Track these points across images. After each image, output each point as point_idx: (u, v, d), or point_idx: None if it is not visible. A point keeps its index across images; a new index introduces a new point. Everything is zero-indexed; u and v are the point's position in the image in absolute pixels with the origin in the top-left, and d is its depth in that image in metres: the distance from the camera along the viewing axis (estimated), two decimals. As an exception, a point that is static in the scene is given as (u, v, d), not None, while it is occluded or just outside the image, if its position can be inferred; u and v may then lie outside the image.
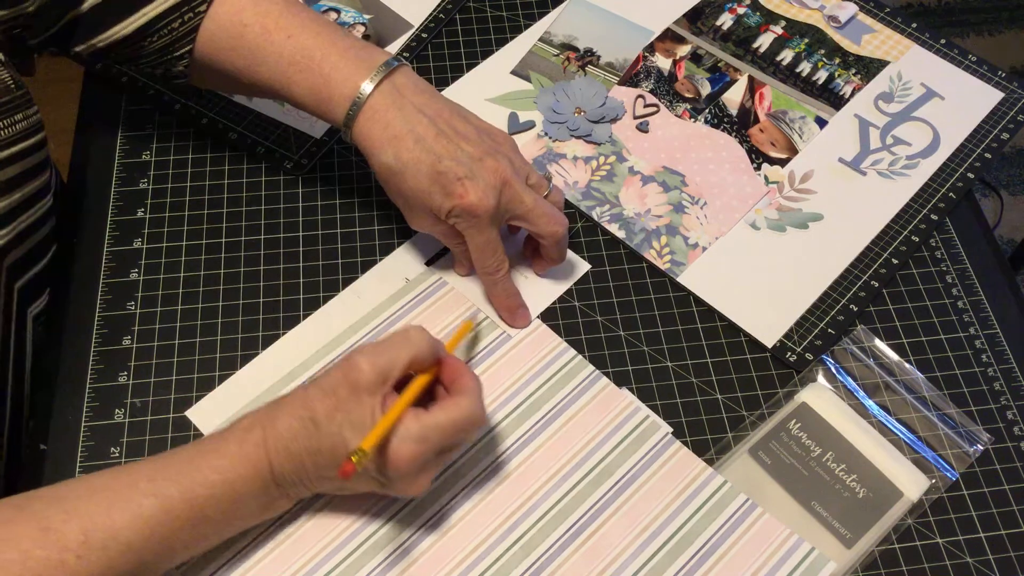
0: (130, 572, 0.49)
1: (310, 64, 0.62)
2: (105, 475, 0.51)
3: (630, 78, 0.80)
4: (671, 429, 0.62)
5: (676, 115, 0.78)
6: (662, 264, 0.70)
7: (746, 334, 0.67)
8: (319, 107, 0.63)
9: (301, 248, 0.70)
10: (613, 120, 0.77)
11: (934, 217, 0.72)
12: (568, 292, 0.69)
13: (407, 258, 0.69)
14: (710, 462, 0.61)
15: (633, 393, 0.63)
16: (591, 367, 0.64)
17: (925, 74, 0.81)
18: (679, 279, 0.69)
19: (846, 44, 0.83)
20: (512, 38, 0.83)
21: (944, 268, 0.71)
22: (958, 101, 0.79)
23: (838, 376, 0.65)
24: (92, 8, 0.63)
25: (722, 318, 0.68)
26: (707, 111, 0.78)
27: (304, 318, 0.67)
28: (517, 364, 0.64)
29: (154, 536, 0.49)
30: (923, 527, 0.59)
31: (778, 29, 0.84)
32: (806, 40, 0.83)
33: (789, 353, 0.66)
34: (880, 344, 0.66)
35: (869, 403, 0.64)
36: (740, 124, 0.78)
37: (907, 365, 0.65)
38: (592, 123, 0.77)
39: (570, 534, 0.57)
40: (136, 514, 0.49)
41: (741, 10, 0.85)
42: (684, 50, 0.82)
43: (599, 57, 0.82)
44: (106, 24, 0.64)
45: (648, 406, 0.63)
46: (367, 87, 0.61)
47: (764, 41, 0.83)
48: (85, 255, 0.70)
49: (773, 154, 0.76)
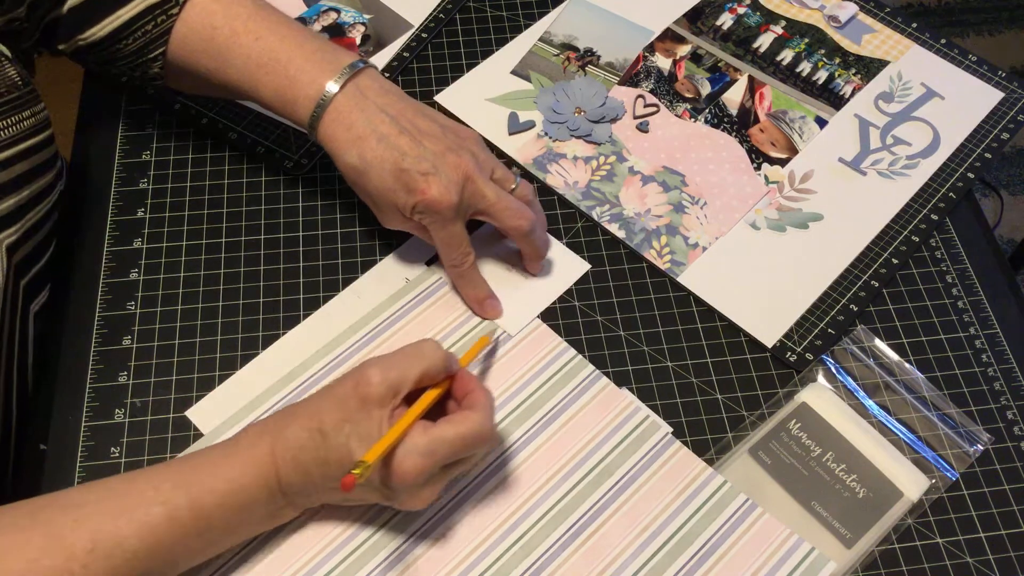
0: None
1: (276, 66, 0.63)
2: (114, 481, 0.51)
3: (630, 78, 0.80)
4: (671, 429, 0.62)
5: (676, 115, 0.78)
6: (662, 264, 0.70)
7: (746, 334, 0.67)
8: (285, 108, 0.64)
9: (301, 248, 0.70)
10: (613, 120, 0.77)
11: (934, 217, 0.72)
12: (568, 292, 0.69)
13: (407, 258, 0.69)
14: (710, 462, 0.61)
15: (633, 393, 0.63)
16: (591, 367, 0.64)
17: (925, 74, 0.81)
18: (679, 279, 0.69)
19: (846, 44, 0.83)
20: (512, 38, 0.83)
21: (944, 268, 0.71)
22: (958, 101, 0.79)
23: (838, 376, 0.65)
24: (71, 10, 0.65)
25: (722, 318, 0.68)
26: (707, 111, 0.78)
27: (304, 318, 0.67)
28: (517, 364, 0.64)
29: (160, 545, 0.49)
30: (923, 527, 0.59)
31: (778, 29, 0.84)
32: (806, 40, 0.83)
33: (789, 353, 0.66)
34: (880, 344, 0.66)
35: (869, 403, 0.64)
36: (740, 124, 0.78)
37: (907, 365, 0.65)
38: (592, 123, 0.77)
39: (570, 534, 0.57)
40: (143, 523, 0.49)
41: (741, 10, 0.85)
42: (684, 50, 0.82)
43: (599, 57, 0.82)
44: (83, 26, 0.65)
45: (648, 406, 0.63)
46: (331, 88, 0.62)
47: (764, 41, 0.83)
48: (85, 255, 0.70)
49: (773, 154, 0.76)
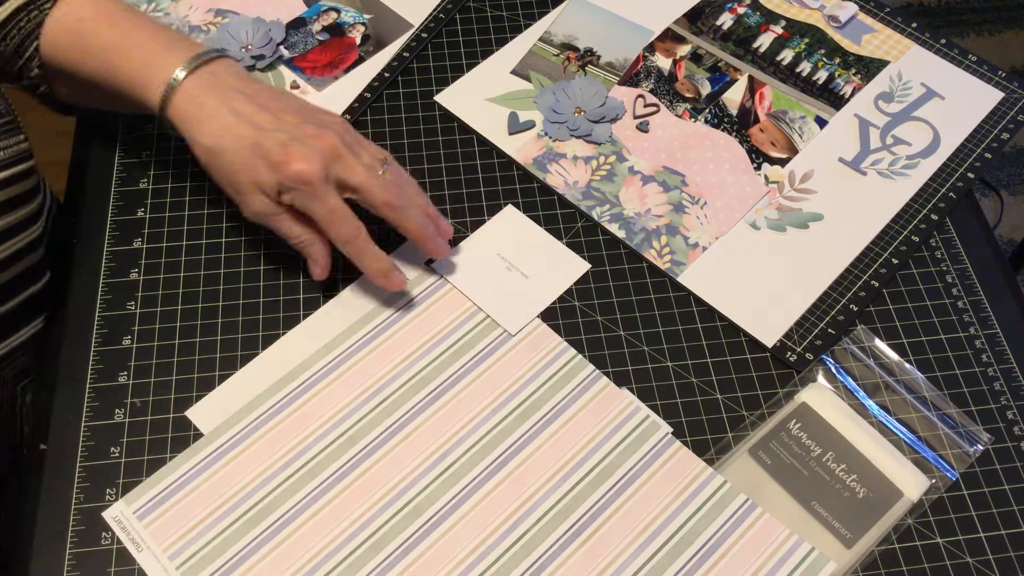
0: None
1: (131, 52, 0.62)
2: None
3: (630, 78, 0.80)
4: (671, 429, 0.62)
5: (676, 115, 0.78)
6: (662, 264, 0.70)
7: (746, 334, 0.67)
8: (136, 92, 0.62)
9: (301, 248, 0.70)
10: (613, 120, 0.77)
11: (934, 217, 0.72)
12: (568, 292, 0.69)
13: (407, 258, 0.69)
14: (710, 462, 0.61)
15: (633, 393, 0.63)
16: (591, 367, 0.64)
17: (925, 74, 0.81)
18: (679, 279, 0.69)
19: (846, 44, 0.83)
20: (512, 38, 0.83)
21: (944, 268, 0.71)
22: (958, 101, 0.79)
23: (838, 376, 0.65)
24: None
25: (722, 318, 0.68)
26: (707, 111, 0.78)
27: (304, 318, 0.67)
28: (517, 364, 0.64)
29: None
30: (923, 527, 0.59)
31: (778, 29, 0.84)
32: (806, 40, 0.83)
33: (789, 353, 0.66)
34: (880, 344, 0.66)
35: (869, 403, 0.64)
36: (740, 124, 0.78)
37: (907, 365, 0.65)
38: (592, 123, 0.77)
39: (570, 534, 0.57)
40: None
41: (741, 10, 0.85)
42: (684, 50, 0.82)
43: (599, 57, 0.82)
44: None
45: (648, 406, 0.63)
46: (180, 73, 0.61)
47: (764, 41, 0.83)
48: (85, 255, 0.70)
49: (773, 154, 0.76)
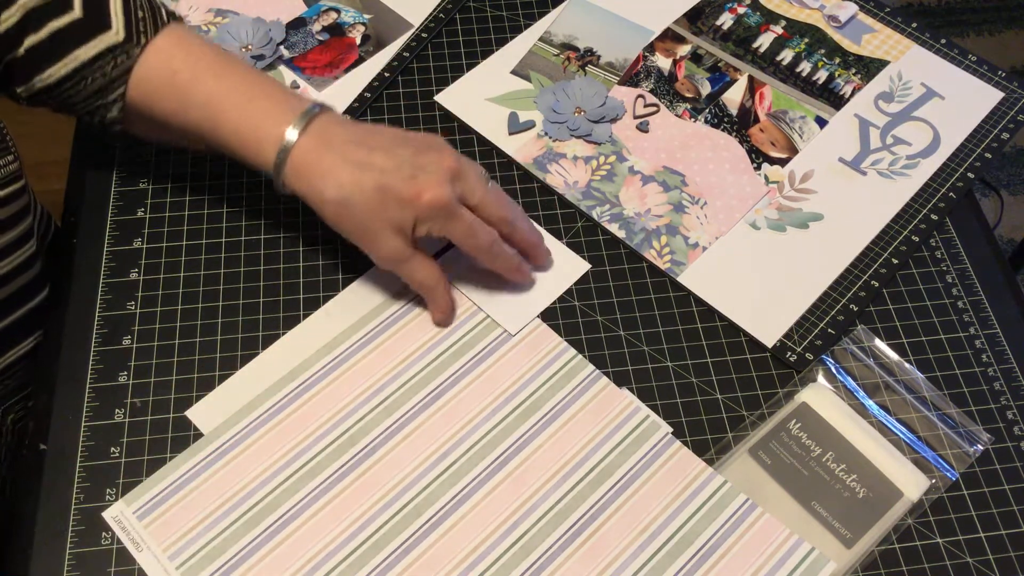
0: None
1: (238, 105, 0.62)
2: None
3: (630, 78, 0.80)
4: (671, 429, 0.62)
5: (676, 115, 0.78)
6: (662, 264, 0.70)
7: (746, 334, 0.67)
8: (246, 149, 0.62)
9: (301, 248, 0.70)
10: (613, 120, 0.77)
11: (934, 217, 0.72)
12: (568, 292, 0.69)
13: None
14: (710, 462, 0.61)
15: (633, 393, 0.63)
16: (591, 367, 0.64)
17: (925, 74, 0.81)
18: (679, 279, 0.69)
19: (846, 44, 0.83)
20: (512, 38, 0.83)
21: (944, 268, 0.71)
22: (958, 101, 0.79)
23: (838, 376, 0.65)
24: (28, 50, 0.63)
25: (722, 318, 0.68)
26: (707, 111, 0.78)
27: (304, 318, 0.67)
28: (517, 364, 0.64)
29: None
30: (923, 527, 0.59)
31: (778, 29, 0.84)
32: (806, 40, 0.83)
33: (789, 353, 0.66)
34: (880, 344, 0.66)
35: (869, 403, 0.64)
36: (740, 124, 0.78)
37: (907, 365, 0.65)
38: (592, 123, 0.77)
39: (570, 534, 0.57)
40: None
41: (741, 10, 0.85)
42: (684, 50, 0.82)
43: (599, 57, 0.82)
44: (43, 65, 0.63)
45: (648, 406, 0.63)
46: (293, 132, 0.60)
47: (764, 41, 0.83)
48: (85, 255, 0.70)
49: (773, 154, 0.76)
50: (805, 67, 0.81)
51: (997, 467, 0.62)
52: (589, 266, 0.70)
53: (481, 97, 0.79)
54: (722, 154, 0.76)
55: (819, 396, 0.63)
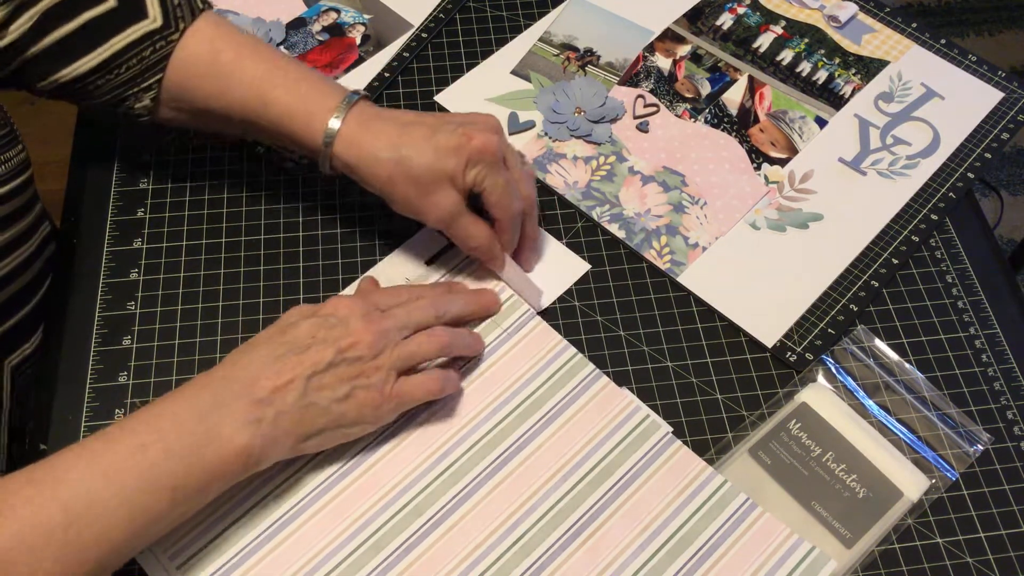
0: (85, 514, 0.48)
1: (286, 82, 0.62)
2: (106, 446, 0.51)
3: (630, 78, 0.80)
4: (671, 429, 0.62)
5: (676, 115, 0.78)
6: (662, 264, 0.70)
7: (746, 334, 0.67)
8: (296, 121, 0.62)
9: (301, 248, 0.70)
10: (613, 120, 0.77)
11: (934, 217, 0.72)
12: (568, 292, 0.69)
13: (407, 258, 0.69)
14: (710, 462, 0.61)
15: (633, 393, 0.63)
16: (591, 366, 0.64)
17: (925, 74, 0.81)
18: (679, 279, 0.69)
19: (846, 44, 0.83)
20: (512, 38, 0.83)
21: (944, 268, 0.71)
22: (958, 101, 0.79)
23: (838, 376, 0.65)
24: (55, 43, 0.62)
25: (722, 318, 0.68)
26: (707, 111, 0.78)
27: (304, 318, 0.67)
28: (517, 363, 0.64)
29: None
30: (923, 527, 0.59)
31: (778, 29, 0.84)
32: (806, 40, 0.83)
33: (789, 353, 0.66)
34: (880, 344, 0.66)
35: (869, 403, 0.64)
36: (740, 124, 0.78)
37: (907, 365, 0.65)
38: (592, 123, 0.77)
39: (570, 534, 0.57)
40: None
41: (741, 10, 0.85)
42: (684, 50, 0.82)
43: (599, 57, 0.82)
44: (71, 58, 0.63)
45: (648, 406, 0.63)
46: (344, 104, 0.61)
47: (764, 41, 0.83)
48: (85, 255, 0.70)
49: (773, 154, 0.76)
50: (805, 67, 0.81)
51: (997, 467, 0.62)
52: (589, 266, 0.70)
53: (481, 97, 0.79)
54: (722, 154, 0.76)
55: (819, 396, 0.63)
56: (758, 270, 0.70)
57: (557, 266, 0.69)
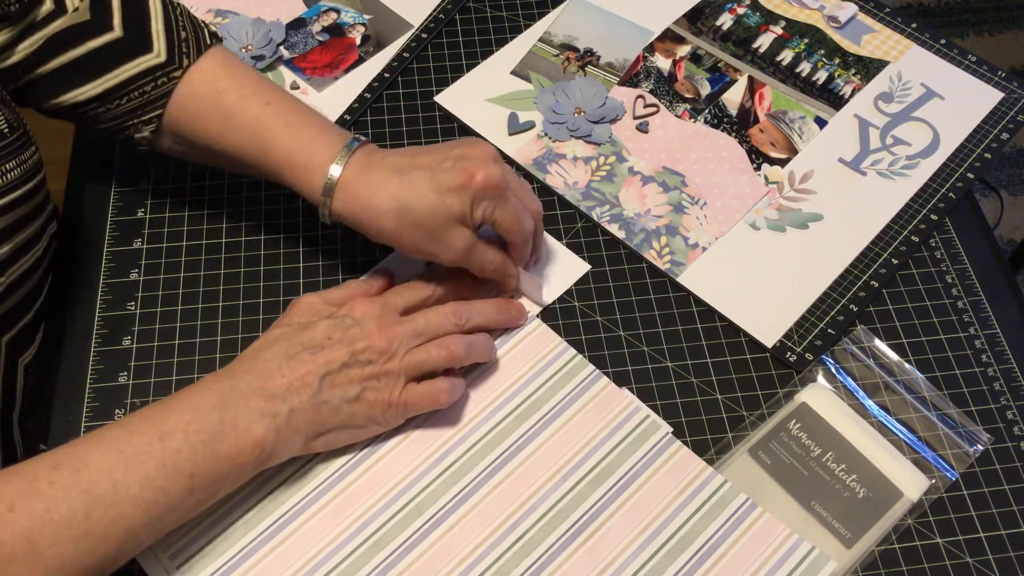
0: (107, 497, 0.49)
1: (287, 130, 0.61)
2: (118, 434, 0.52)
3: (630, 78, 0.80)
4: (671, 429, 0.62)
5: (676, 115, 0.78)
6: (662, 264, 0.70)
7: (746, 334, 0.67)
8: (295, 175, 0.61)
9: (301, 248, 0.70)
10: (613, 120, 0.78)
11: (934, 217, 0.73)
12: (568, 292, 0.69)
13: (407, 259, 0.69)
14: (710, 462, 0.61)
15: (633, 393, 0.63)
16: (591, 366, 0.64)
17: (925, 74, 0.81)
18: (679, 279, 0.69)
19: (846, 44, 0.83)
20: (512, 38, 0.83)
21: (944, 268, 0.71)
22: (958, 101, 0.79)
23: (838, 376, 0.65)
24: (60, 68, 0.62)
25: (722, 318, 0.68)
26: (707, 111, 0.78)
27: (304, 318, 0.67)
28: (517, 364, 0.64)
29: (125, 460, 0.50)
30: (923, 527, 0.59)
31: (778, 29, 0.84)
32: (806, 40, 0.83)
33: (789, 353, 0.66)
34: (880, 344, 0.66)
35: (869, 403, 0.64)
36: (740, 124, 0.78)
37: (907, 365, 0.65)
38: (592, 123, 0.77)
39: (570, 534, 0.57)
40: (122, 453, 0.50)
41: (741, 10, 0.85)
42: (684, 50, 0.83)
43: (599, 57, 0.82)
44: (74, 85, 0.62)
45: (648, 406, 0.63)
46: (339, 162, 0.60)
47: (764, 41, 0.83)
48: (85, 256, 0.70)
49: (773, 154, 0.76)
50: (805, 67, 0.81)
51: (997, 467, 0.62)
52: (589, 266, 0.70)
53: (481, 97, 0.79)
54: (722, 154, 0.76)
55: (819, 396, 0.63)
56: (758, 270, 0.70)
57: (557, 266, 0.69)
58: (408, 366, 0.58)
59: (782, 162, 0.76)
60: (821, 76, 0.81)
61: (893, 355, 0.66)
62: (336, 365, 0.56)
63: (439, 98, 0.79)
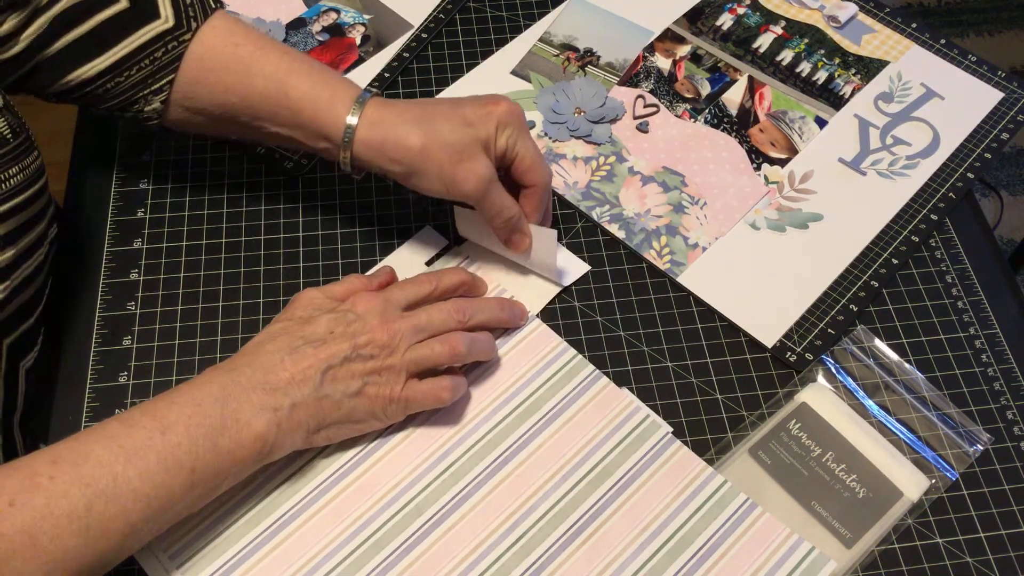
0: (107, 491, 0.49)
1: (308, 71, 0.63)
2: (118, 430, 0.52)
3: (630, 78, 0.80)
4: (671, 429, 0.62)
5: (676, 115, 0.78)
6: (662, 264, 0.70)
7: (746, 334, 0.67)
8: (318, 109, 0.62)
9: (301, 248, 0.70)
10: (613, 120, 0.78)
11: (934, 217, 0.73)
12: (568, 292, 0.69)
13: (407, 258, 0.69)
14: (710, 462, 0.61)
15: (633, 393, 0.63)
16: (591, 367, 0.64)
17: (925, 74, 0.81)
18: (679, 279, 0.69)
19: (846, 44, 0.83)
20: (512, 38, 0.83)
21: (944, 268, 0.71)
22: (958, 101, 0.79)
23: (838, 376, 0.65)
24: (67, 46, 0.62)
25: (722, 318, 0.68)
26: (707, 111, 0.78)
27: (304, 318, 0.67)
28: (517, 364, 0.64)
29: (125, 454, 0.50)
30: (923, 527, 0.59)
31: (778, 29, 0.84)
32: (806, 40, 0.83)
33: (789, 353, 0.66)
34: (880, 344, 0.66)
35: (869, 403, 0.64)
36: (740, 124, 0.78)
37: (907, 365, 0.65)
38: (592, 123, 0.77)
39: (570, 534, 0.57)
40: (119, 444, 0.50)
41: (741, 10, 0.85)
42: (684, 50, 0.83)
43: (599, 57, 0.82)
44: (82, 61, 0.62)
45: (648, 406, 0.63)
46: (365, 94, 0.62)
47: (764, 41, 0.83)
48: (85, 256, 0.70)
49: (773, 154, 0.76)
50: (805, 67, 0.81)
51: (997, 467, 0.62)
52: (589, 267, 0.70)
53: (481, 97, 0.79)
54: (722, 154, 0.76)
55: (819, 396, 0.63)
56: (758, 270, 0.70)
57: (557, 266, 0.69)
58: (410, 361, 0.58)
59: (782, 162, 0.76)
60: (821, 76, 0.81)
61: (893, 355, 0.66)
62: (338, 359, 0.56)
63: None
